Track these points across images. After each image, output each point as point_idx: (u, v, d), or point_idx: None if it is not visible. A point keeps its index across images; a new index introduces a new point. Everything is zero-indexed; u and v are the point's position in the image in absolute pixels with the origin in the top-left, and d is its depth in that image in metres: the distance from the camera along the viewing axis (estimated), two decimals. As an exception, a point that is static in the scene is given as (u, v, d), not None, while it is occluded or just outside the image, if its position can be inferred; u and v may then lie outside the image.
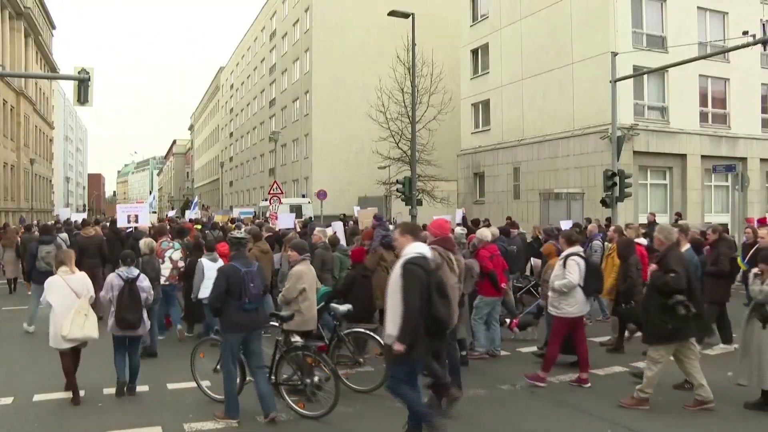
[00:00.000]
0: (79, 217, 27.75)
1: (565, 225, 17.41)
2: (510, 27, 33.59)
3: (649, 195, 29.03)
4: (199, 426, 7.06)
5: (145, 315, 8.26)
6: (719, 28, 29.62)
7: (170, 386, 8.54)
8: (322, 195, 35.04)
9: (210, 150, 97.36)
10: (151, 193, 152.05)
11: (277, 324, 8.01)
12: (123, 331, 7.96)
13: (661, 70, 25.31)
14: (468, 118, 38.09)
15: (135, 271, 8.24)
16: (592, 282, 8.46)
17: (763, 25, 19.10)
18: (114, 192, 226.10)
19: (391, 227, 14.95)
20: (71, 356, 7.88)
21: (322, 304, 8.88)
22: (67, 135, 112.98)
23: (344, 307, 8.36)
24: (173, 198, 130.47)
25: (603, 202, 21.89)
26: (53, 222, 25.92)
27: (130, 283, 8.05)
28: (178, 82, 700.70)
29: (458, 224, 19.37)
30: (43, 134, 66.58)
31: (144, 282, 8.30)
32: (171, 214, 44.54)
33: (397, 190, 26.43)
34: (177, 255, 11.73)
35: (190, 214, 38.82)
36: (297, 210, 35.42)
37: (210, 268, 10.01)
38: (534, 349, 10.45)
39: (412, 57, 27.19)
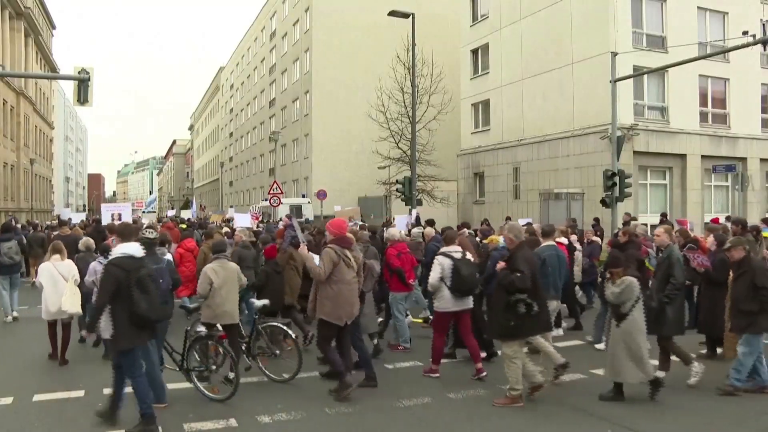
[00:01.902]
0: (78, 217, 28.31)
1: (523, 222, 17.70)
2: (510, 27, 33.60)
3: (649, 195, 29.03)
4: (199, 426, 7.06)
5: None
6: (719, 28, 29.62)
7: (170, 386, 8.53)
8: (321, 195, 35.05)
9: (210, 150, 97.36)
10: (151, 193, 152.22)
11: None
12: None
13: (661, 70, 25.31)
14: (468, 118, 38.09)
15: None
16: (455, 281, 8.69)
17: (763, 25, 19.13)
18: (114, 192, 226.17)
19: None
20: (55, 326, 9.78)
21: (251, 299, 9.44)
22: (67, 135, 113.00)
23: (260, 302, 8.95)
24: (173, 198, 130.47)
25: (603, 202, 21.89)
26: (11, 221, 26.94)
27: None
28: (178, 82, 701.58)
29: (413, 224, 20.04)
30: (43, 134, 66.60)
31: None
32: (170, 213, 44.72)
33: (397, 190, 26.46)
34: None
35: (187, 214, 39.30)
36: (297, 210, 35.44)
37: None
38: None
39: (412, 57, 27.22)
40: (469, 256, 9.11)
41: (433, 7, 41.83)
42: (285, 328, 9.01)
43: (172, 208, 70.43)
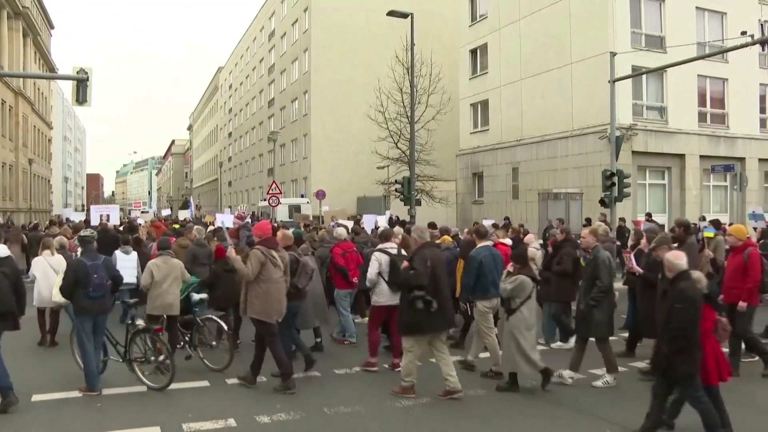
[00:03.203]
0: (77, 217, 28.65)
1: (487, 223, 17.94)
2: (509, 27, 33.59)
3: (648, 195, 29.03)
4: (198, 426, 7.08)
5: None
6: (718, 28, 29.64)
7: (169, 386, 8.55)
8: (321, 195, 35.04)
9: (209, 150, 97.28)
10: (149, 193, 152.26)
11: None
12: None
13: (660, 70, 25.30)
14: (467, 118, 38.09)
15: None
16: (393, 276, 9.01)
17: (761, 25, 19.07)
18: (113, 192, 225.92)
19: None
20: (44, 313, 10.99)
21: (187, 293, 9.95)
22: (66, 135, 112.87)
23: (198, 296, 9.79)
24: (172, 198, 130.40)
25: (602, 202, 21.87)
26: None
27: None
28: (177, 82, 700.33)
29: (376, 226, 20.29)
30: (42, 134, 66.51)
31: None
32: (165, 213, 44.85)
33: (396, 190, 26.45)
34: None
35: (185, 214, 39.56)
36: (296, 210, 35.46)
37: (122, 259, 11.66)
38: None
39: (411, 57, 27.20)
40: (404, 252, 9.45)
41: (431, 7, 41.80)
42: (219, 321, 9.44)
43: (170, 209, 70.47)
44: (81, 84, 18.79)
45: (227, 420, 7.22)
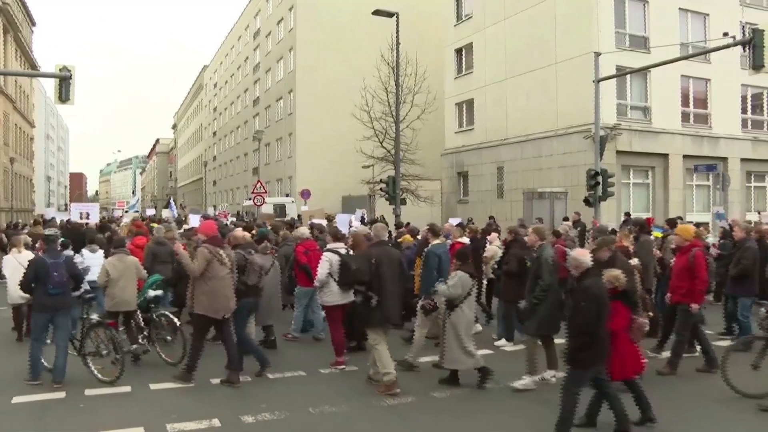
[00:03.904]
0: (60, 216, 28.58)
1: (453, 222, 18.03)
2: (494, 26, 33.68)
3: (632, 194, 29.22)
4: (182, 426, 7.03)
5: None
6: (700, 30, 29.88)
7: (153, 386, 8.51)
8: (306, 194, 34.96)
9: (193, 149, 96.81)
10: (133, 192, 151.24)
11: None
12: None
13: (644, 71, 25.48)
14: (452, 118, 38.16)
15: (70, 253, 10.40)
16: (343, 275, 9.19)
17: (743, 26, 19.33)
18: (96, 191, 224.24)
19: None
20: (20, 310, 11.05)
21: (148, 290, 10.08)
22: (48, 133, 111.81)
23: (153, 293, 9.87)
24: (156, 197, 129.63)
25: (586, 201, 22.00)
26: None
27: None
28: (162, 80, 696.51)
29: (350, 225, 20.22)
30: (24, 133, 65.81)
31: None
32: (150, 212, 44.62)
33: (381, 189, 26.46)
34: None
35: (167, 213, 39.40)
36: (281, 209, 35.34)
37: (89, 257, 11.69)
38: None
39: (396, 56, 27.19)
40: (352, 252, 9.77)
41: (417, 7, 41.81)
42: (172, 317, 9.72)
43: (155, 207, 70.03)
44: (64, 82, 18.63)
45: (211, 420, 7.17)
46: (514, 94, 32.28)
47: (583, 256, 6.80)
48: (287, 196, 43.17)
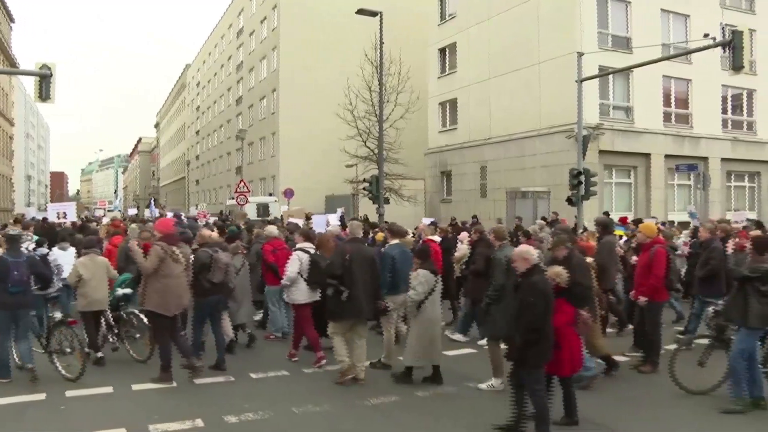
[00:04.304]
0: (39, 216, 28.50)
1: (426, 221, 18.31)
2: (478, 26, 33.75)
3: (614, 194, 29.41)
4: (165, 427, 6.97)
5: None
6: (682, 31, 30.12)
7: (135, 387, 8.44)
8: (289, 194, 34.85)
9: (176, 148, 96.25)
10: (115, 192, 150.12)
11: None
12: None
13: (626, 71, 25.63)
14: (435, 117, 38.20)
15: (45, 251, 11.17)
16: (312, 274, 9.46)
17: (723, 28, 19.49)
18: (77, 190, 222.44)
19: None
20: None
21: (117, 289, 10.20)
22: (29, 132, 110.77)
23: (122, 292, 9.99)
24: (138, 197, 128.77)
25: (569, 201, 22.09)
26: None
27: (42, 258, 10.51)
28: (145, 79, 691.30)
29: (337, 224, 20.23)
30: (3, 131, 65.16)
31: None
32: (132, 212, 44.38)
33: (365, 188, 26.43)
34: (31, 246, 13.21)
35: (148, 213, 39.57)
36: (264, 209, 35.20)
37: (59, 255, 11.72)
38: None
39: (380, 56, 27.16)
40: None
41: (401, 6, 41.81)
42: (141, 315, 9.59)
43: (137, 207, 69.60)
44: (44, 80, 18.41)
45: (194, 420, 7.11)
46: (497, 93, 32.35)
47: (529, 253, 6.78)
48: (270, 195, 43.00)
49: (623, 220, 18.59)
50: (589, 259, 9.25)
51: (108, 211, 47.02)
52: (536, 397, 6.47)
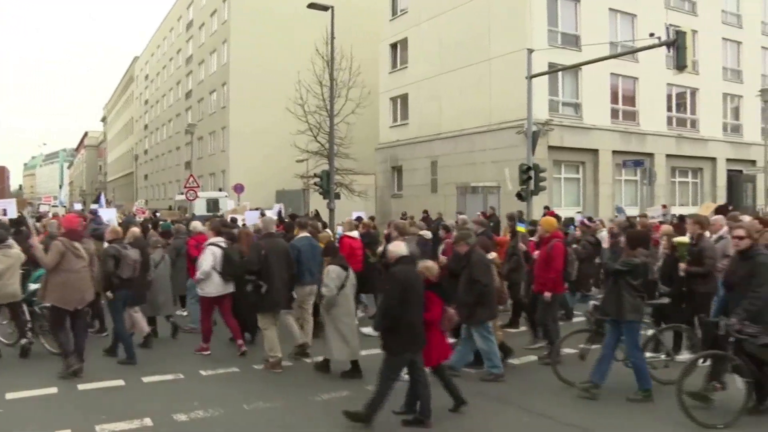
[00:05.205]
0: None
1: (355, 215, 18.65)
2: (429, 22, 33.84)
3: (563, 189, 29.82)
4: (112, 427, 6.80)
5: None
6: (629, 30, 30.70)
7: (81, 387, 8.23)
8: (239, 189, 34.45)
9: (124, 142, 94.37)
10: (60, 187, 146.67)
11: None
12: None
13: (575, 68, 26.03)
14: (386, 112, 38.22)
15: None
16: (226, 267, 9.85)
17: (668, 28, 19.91)
18: (20, 186, 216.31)
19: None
20: None
21: (30, 284, 10.24)
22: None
23: (35, 286, 9.89)
24: (85, 192, 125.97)
25: (518, 196, 22.26)
26: None
27: None
28: (90, 71, 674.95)
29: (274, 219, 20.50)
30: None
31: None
32: (77, 207, 43.34)
33: (316, 183, 26.23)
34: None
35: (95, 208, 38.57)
36: (214, 204, 34.71)
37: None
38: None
39: (331, 50, 26.97)
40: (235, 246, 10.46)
41: (352, 1, 41.57)
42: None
43: (84, 203, 68.09)
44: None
45: (143, 419, 6.96)
46: (448, 89, 32.49)
47: (397, 247, 7.11)
48: (221, 190, 42.46)
49: (550, 215, 18.63)
50: (492, 255, 9.42)
51: (53, 206, 45.84)
52: (383, 382, 6.67)
